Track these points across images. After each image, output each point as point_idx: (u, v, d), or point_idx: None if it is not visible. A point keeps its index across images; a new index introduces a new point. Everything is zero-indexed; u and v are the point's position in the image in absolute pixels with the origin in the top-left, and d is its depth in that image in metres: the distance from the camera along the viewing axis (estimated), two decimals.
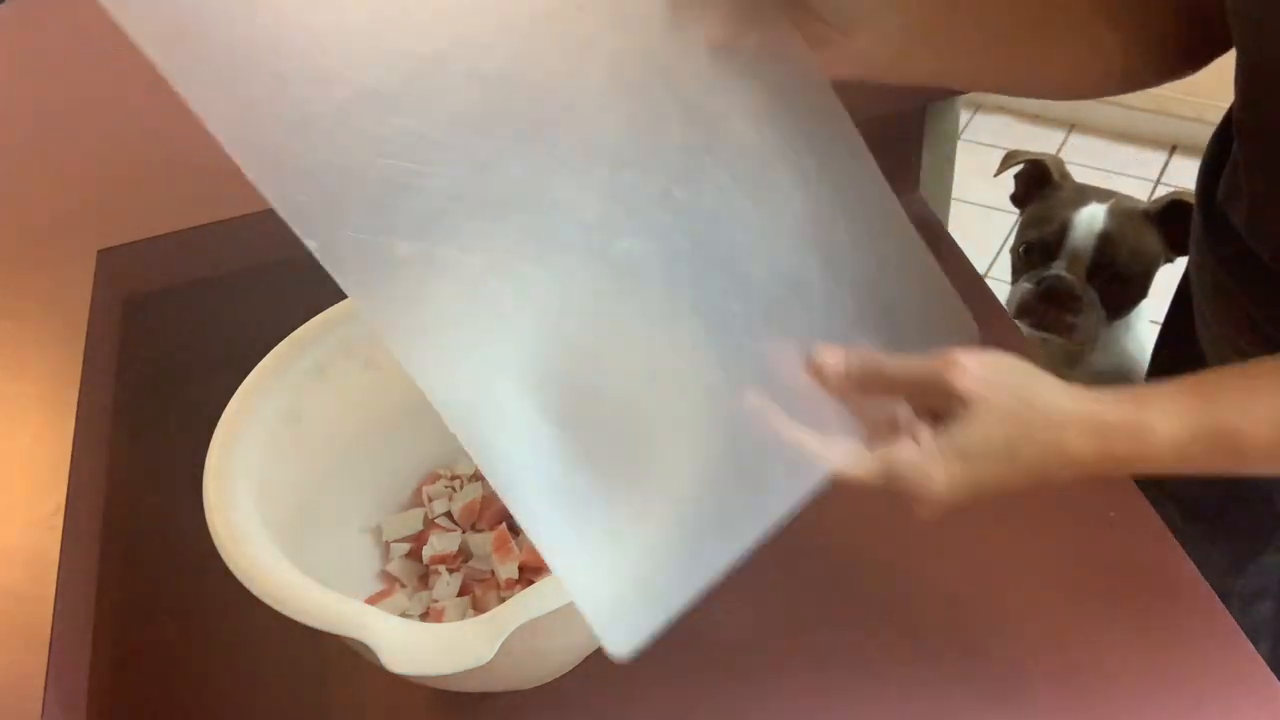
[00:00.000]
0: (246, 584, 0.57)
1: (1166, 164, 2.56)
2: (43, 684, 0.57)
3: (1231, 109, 0.71)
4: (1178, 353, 0.94)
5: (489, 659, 0.53)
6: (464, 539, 0.74)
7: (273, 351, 0.70)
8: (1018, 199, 1.32)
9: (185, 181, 0.87)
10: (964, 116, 2.63)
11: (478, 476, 0.77)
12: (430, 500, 0.76)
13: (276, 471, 0.65)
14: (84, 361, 0.73)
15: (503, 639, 0.53)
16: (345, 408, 0.72)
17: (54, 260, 0.81)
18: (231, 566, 0.57)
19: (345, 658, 0.71)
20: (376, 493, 0.75)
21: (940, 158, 1.02)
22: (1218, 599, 0.69)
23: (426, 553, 0.72)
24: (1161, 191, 2.52)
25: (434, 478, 0.77)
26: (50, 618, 0.60)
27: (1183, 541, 0.73)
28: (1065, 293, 1.20)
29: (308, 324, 0.72)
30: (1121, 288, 1.21)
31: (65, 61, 1.04)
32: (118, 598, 0.73)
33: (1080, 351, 1.24)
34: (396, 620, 0.56)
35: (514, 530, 0.73)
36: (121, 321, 0.82)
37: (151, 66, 0.41)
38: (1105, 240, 1.20)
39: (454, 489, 0.77)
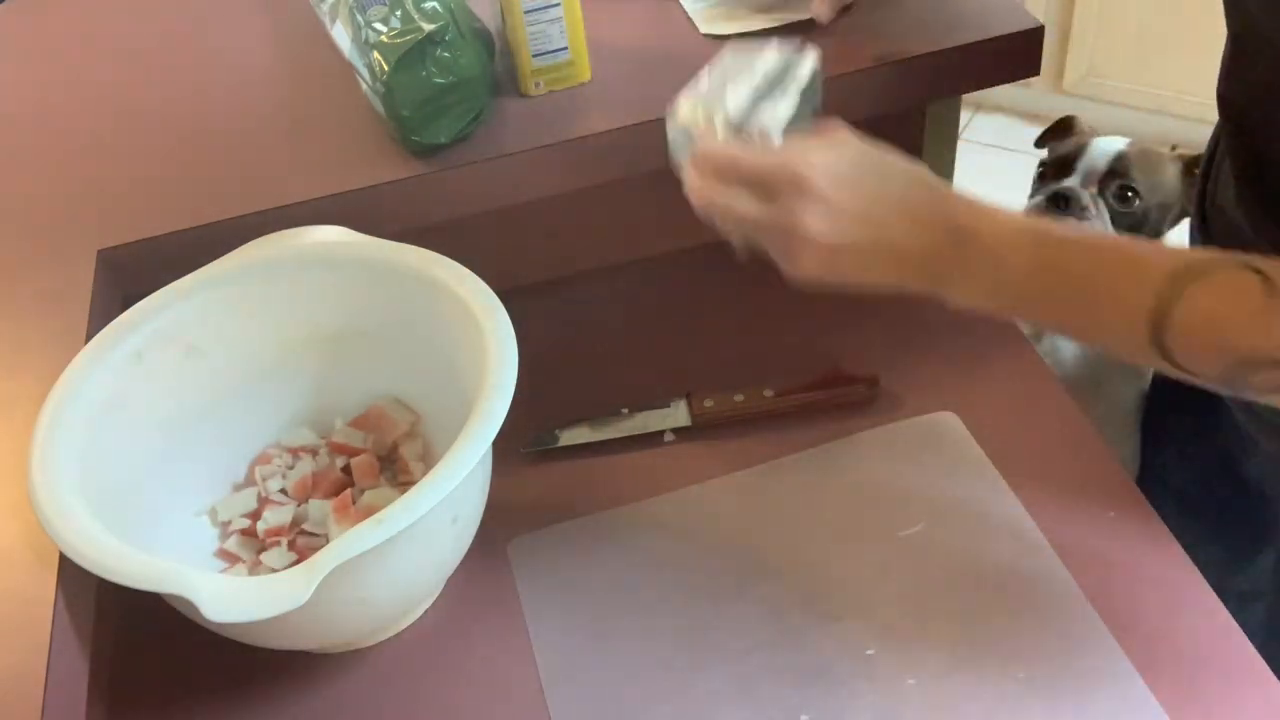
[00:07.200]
0: (74, 557, 0.59)
1: None
2: (43, 684, 0.57)
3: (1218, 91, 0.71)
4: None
5: (305, 600, 0.56)
6: (299, 509, 0.76)
7: (92, 341, 0.71)
8: (1042, 146, 1.31)
9: (185, 181, 0.87)
10: (964, 116, 2.62)
11: (310, 450, 0.80)
12: (264, 480, 0.78)
13: (101, 458, 0.67)
14: None
15: (318, 580, 0.56)
16: (168, 394, 0.74)
17: (54, 260, 0.81)
18: (60, 543, 0.60)
19: (336, 655, 0.71)
20: (210, 476, 0.77)
21: (940, 158, 1.02)
22: (1217, 599, 0.69)
23: (261, 527, 0.75)
24: None
25: (266, 458, 0.79)
26: (50, 618, 0.60)
27: (1182, 538, 0.73)
28: (1072, 199, 1.18)
29: (125, 312, 0.73)
30: (1132, 210, 1.18)
31: (65, 61, 1.04)
32: (118, 598, 0.73)
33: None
34: (216, 575, 0.60)
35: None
36: None
37: (151, 66, 0.41)
38: (1121, 159, 1.19)
39: (288, 466, 0.79)
